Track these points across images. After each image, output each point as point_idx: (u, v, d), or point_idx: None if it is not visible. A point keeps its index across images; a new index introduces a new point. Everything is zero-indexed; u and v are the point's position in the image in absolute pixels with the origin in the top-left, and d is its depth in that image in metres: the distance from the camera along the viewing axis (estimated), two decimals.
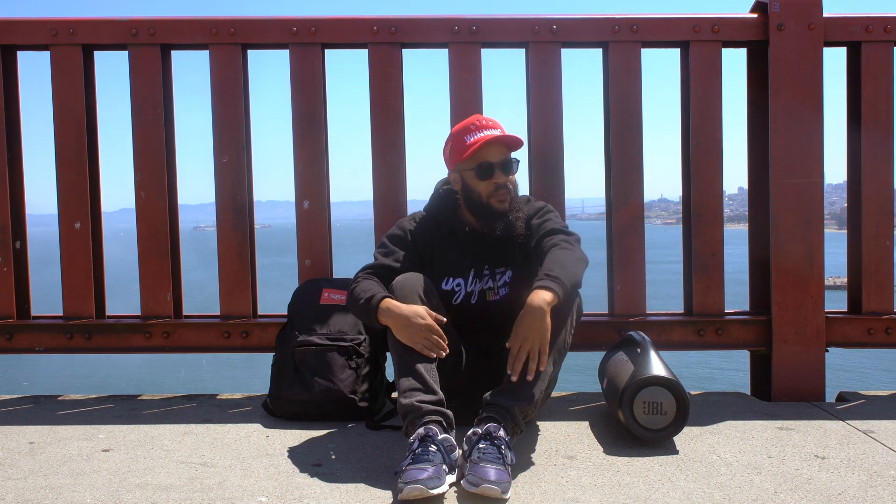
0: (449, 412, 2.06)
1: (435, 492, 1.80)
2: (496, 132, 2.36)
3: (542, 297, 2.10)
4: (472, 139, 2.35)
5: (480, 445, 1.93)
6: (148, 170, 2.89)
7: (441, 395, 2.08)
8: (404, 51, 2.89)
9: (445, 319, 2.23)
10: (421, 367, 2.11)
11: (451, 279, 2.43)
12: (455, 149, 2.40)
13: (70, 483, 1.99)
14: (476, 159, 2.36)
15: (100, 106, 2.99)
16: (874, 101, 2.82)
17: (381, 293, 2.24)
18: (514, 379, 2.10)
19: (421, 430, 1.96)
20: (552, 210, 2.47)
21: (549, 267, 2.19)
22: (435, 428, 1.97)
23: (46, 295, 3.69)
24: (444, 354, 2.16)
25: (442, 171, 2.63)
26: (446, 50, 2.87)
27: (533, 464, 2.09)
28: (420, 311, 2.17)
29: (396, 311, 2.18)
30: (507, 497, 1.83)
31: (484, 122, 2.39)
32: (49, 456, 2.22)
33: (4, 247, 2.91)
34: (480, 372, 2.39)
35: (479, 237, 2.45)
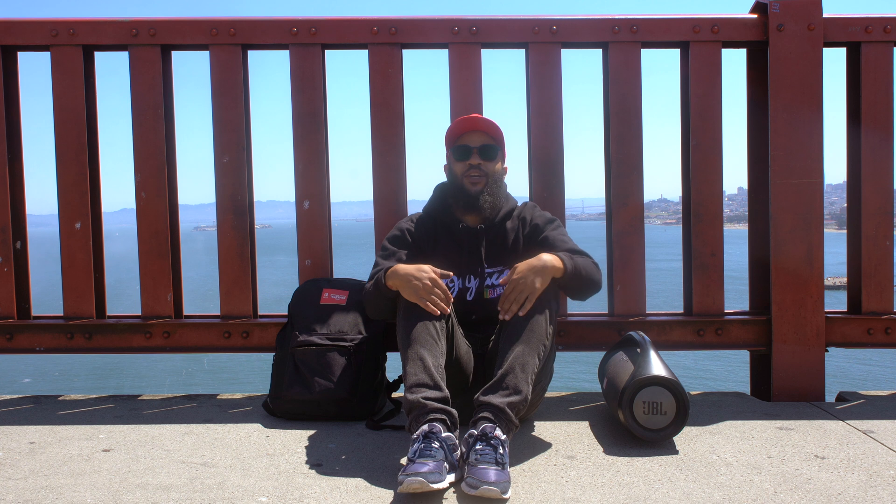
0: (453, 411, 2.06)
1: (435, 486, 1.80)
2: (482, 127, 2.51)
3: (552, 257, 2.25)
4: (458, 127, 2.52)
5: (477, 447, 1.93)
6: (148, 170, 2.90)
7: (447, 392, 2.08)
8: (404, 51, 2.89)
9: (452, 274, 2.31)
10: (429, 362, 2.11)
11: None
12: (446, 138, 2.57)
13: (70, 483, 2.00)
14: (456, 142, 2.52)
15: (100, 106, 2.99)
16: (874, 101, 2.82)
17: (387, 267, 2.34)
18: (506, 318, 2.19)
19: (425, 427, 1.96)
20: (562, 226, 2.60)
21: (569, 251, 2.36)
22: (439, 426, 1.97)
23: (47, 295, 3.70)
24: (448, 311, 2.21)
25: (441, 174, 2.64)
26: (446, 50, 2.87)
27: (533, 464, 2.09)
28: (424, 267, 2.25)
29: (402, 271, 2.26)
30: (506, 497, 1.83)
31: (476, 118, 2.52)
32: (49, 456, 2.22)
33: (5, 247, 2.92)
34: (477, 372, 2.40)
35: (473, 235, 2.49)
